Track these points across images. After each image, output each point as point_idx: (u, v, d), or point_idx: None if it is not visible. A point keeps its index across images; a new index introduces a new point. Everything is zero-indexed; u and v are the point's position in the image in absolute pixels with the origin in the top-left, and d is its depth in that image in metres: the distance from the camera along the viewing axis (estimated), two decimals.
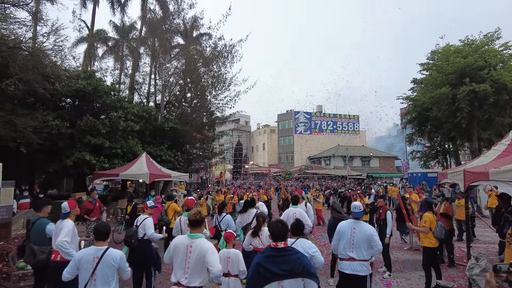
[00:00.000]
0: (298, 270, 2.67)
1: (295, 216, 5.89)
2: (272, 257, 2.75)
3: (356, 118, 65.37)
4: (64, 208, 4.71)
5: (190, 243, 3.28)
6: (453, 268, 7.14)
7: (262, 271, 2.70)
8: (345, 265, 4.15)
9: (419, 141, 23.83)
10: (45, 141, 13.79)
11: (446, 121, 18.26)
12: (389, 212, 7.03)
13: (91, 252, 3.30)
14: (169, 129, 18.66)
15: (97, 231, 3.44)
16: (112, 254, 3.30)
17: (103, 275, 3.23)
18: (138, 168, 12.50)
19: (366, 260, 4.14)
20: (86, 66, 22.87)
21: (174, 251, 3.34)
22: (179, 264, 3.27)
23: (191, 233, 3.36)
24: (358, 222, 4.30)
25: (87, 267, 3.21)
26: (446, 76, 17.94)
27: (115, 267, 3.30)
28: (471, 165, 6.54)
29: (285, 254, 2.75)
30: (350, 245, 4.16)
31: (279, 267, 2.67)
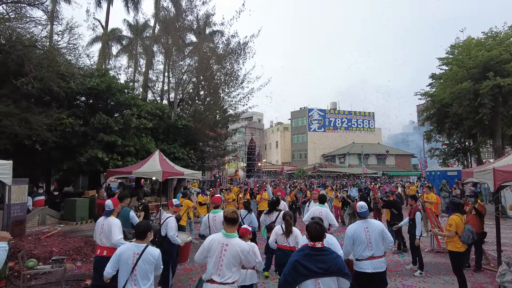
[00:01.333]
0: (334, 269, 2.87)
1: (321, 215, 6.14)
2: (310, 256, 2.93)
3: (371, 115, 64.18)
4: (108, 206, 4.94)
5: (226, 242, 3.41)
6: (479, 272, 6.70)
7: (300, 268, 2.88)
8: (365, 264, 4.14)
9: (437, 138, 23.04)
10: (59, 138, 13.93)
11: (467, 117, 17.52)
12: (419, 212, 6.80)
13: (131, 248, 3.44)
14: (182, 127, 18.58)
15: (138, 229, 3.60)
16: (151, 251, 3.45)
17: (143, 271, 3.37)
18: (151, 166, 12.41)
19: (383, 256, 4.24)
20: (100, 64, 23.04)
21: (209, 249, 3.44)
22: (214, 261, 3.37)
23: (227, 232, 3.48)
24: (367, 221, 4.31)
25: (128, 263, 3.36)
26: (468, 71, 17.19)
27: (154, 263, 3.44)
28: (500, 164, 6.10)
29: (323, 253, 2.94)
30: (367, 245, 4.16)
31: (316, 266, 2.86)
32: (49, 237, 8.36)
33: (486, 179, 5.98)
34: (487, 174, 5.89)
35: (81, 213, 12.68)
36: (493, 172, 5.52)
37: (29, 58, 11.70)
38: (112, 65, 28.69)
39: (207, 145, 23.28)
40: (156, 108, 18.32)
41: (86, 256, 7.67)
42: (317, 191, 9.77)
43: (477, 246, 6.92)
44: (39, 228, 11.19)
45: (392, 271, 6.88)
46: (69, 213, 12.76)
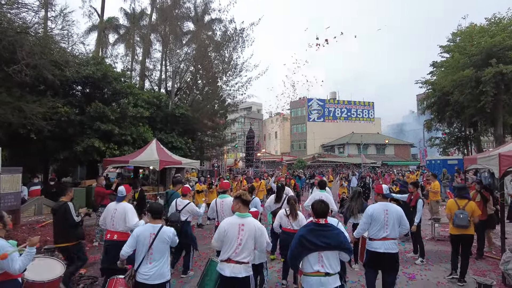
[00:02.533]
0: (336, 243, 3.16)
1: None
2: (314, 231, 3.22)
3: (371, 105, 63.81)
4: (121, 192, 5.23)
5: (242, 222, 3.59)
6: (481, 260, 6.59)
7: (305, 242, 3.15)
8: (377, 244, 4.29)
9: (438, 127, 22.83)
10: (55, 127, 13.71)
11: (468, 105, 17.27)
12: (421, 200, 6.75)
13: (148, 228, 3.71)
14: (180, 116, 18.36)
15: (153, 210, 3.87)
16: (166, 231, 3.70)
17: (159, 249, 3.63)
18: (148, 155, 12.25)
19: (396, 239, 4.39)
20: (97, 53, 22.68)
21: (226, 232, 3.56)
22: (231, 242, 3.52)
23: (241, 212, 3.66)
24: (387, 204, 4.46)
25: (145, 242, 3.62)
26: (470, 58, 16.87)
27: (168, 242, 3.71)
28: (506, 149, 5.93)
29: (326, 229, 3.24)
30: (384, 227, 4.31)
31: (320, 240, 3.13)
32: (43, 227, 8.23)
33: (491, 165, 5.82)
34: (492, 160, 5.73)
35: (78, 202, 12.50)
36: (499, 157, 5.35)
37: (21, 44, 11.39)
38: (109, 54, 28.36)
39: (206, 135, 23.08)
40: (153, 96, 18.08)
41: None
42: (319, 177, 9.67)
43: (479, 233, 6.79)
44: (35, 218, 11.05)
45: None
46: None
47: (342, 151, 54.72)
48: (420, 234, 6.70)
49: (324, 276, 3.14)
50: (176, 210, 6.34)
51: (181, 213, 6.22)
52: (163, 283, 3.63)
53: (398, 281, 5.54)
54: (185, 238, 6.08)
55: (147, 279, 3.55)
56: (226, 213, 5.45)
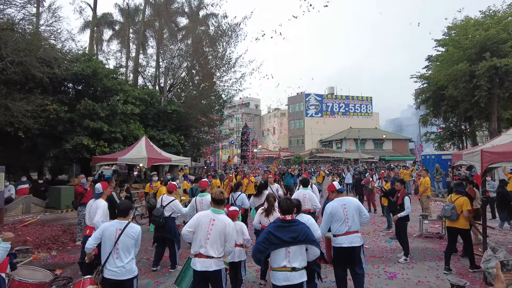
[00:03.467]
0: (302, 237, 3.26)
1: (305, 197, 6.52)
2: (281, 227, 3.32)
3: (369, 100, 63.51)
4: (97, 188, 5.30)
5: (213, 217, 3.65)
6: (466, 258, 6.47)
7: (272, 238, 3.25)
8: (341, 239, 4.34)
9: (433, 122, 22.68)
10: (44, 125, 13.58)
11: (463, 100, 17.13)
12: (407, 197, 6.60)
13: (114, 224, 3.70)
14: (172, 112, 18.18)
15: (119, 208, 3.84)
16: (133, 228, 3.71)
17: (125, 245, 3.60)
18: (137, 152, 12.14)
19: (358, 232, 4.44)
20: (90, 50, 22.46)
21: (198, 223, 3.65)
22: (201, 235, 3.59)
23: (215, 208, 3.76)
24: (344, 198, 4.58)
25: (111, 238, 3.60)
26: (464, 51, 16.69)
27: (135, 238, 3.68)
28: (489, 145, 5.80)
29: (292, 224, 3.35)
30: (344, 221, 4.38)
31: (286, 235, 3.24)
32: (26, 226, 8.12)
33: (474, 161, 5.69)
34: (475, 156, 5.60)
35: (66, 201, 12.41)
36: (481, 153, 5.23)
37: (5, 41, 11.22)
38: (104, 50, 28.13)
39: (200, 131, 22.92)
40: (144, 93, 17.90)
41: (63, 245, 7.44)
42: (306, 174, 9.55)
43: None
44: (23, 217, 10.96)
45: (375, 257, 6.67)
46: (54, 201, 12.52)
47: (339, 147, 54.52)
48: (406, 232, 6.58)
49: (291, 271, 3.22)
50: (160, 206, 6.37)
51: (165, 209, 6.22)
52: (130, 279, 3.63)
53: (378, 280, 5.45)
54: (168, 233, 6.15)
55: (114, 275, 3.55)
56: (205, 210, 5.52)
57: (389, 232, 8.84)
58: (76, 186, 7.96)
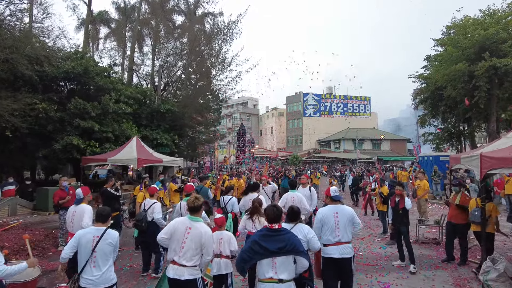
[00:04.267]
0: (289, 248, 3.04)
1: (293, 200, 6.33)
2: (267, 236, 3.12)
3: (367, 100, 63.28)
4: (78, 194, 5.30)
5: (190, 225, 3.50)
6: (464, 267, 6.20)
7: (257, 248, 3.05)
8: (331, 250, 4.10)
9: (431, 122, 22.37)
10: (34, 125, 13.25)
11: (461, 100, 16.79)
12: (409, 200, 6.32)
13: (91, 231, 3.57)
14: (165, 111, 17.86)
15: (98, 213, 3.70)
16: (111, 234, 3.57)
17: (103, 253, 3.48)
18: (128, 153, 11.77)
19: (350, 242, 4.19)
20: (85, 47, 22.13)
21: (174, 230, 3.51)
22: (176, 243, 3.46)
23: (192, 215, 3.59)
24: (338, 206, 4.30)
25: (88, 245, 3.46)
26: (463, 51, 16.36)
27: (113, 245, 3.57)
28: (489, 149, 5.50)
29: (279, 234, 3.13)
30: (335, 230, 4.14)
31: (273, 245, 3.03)
32: (6, 230, 7.79)
33: (472, 166, 5.41)
34: (473, 160, 5.32)
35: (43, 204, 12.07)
36: (480, 158, 4.93)
37: None
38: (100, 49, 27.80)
39: (195, 131, 22.59)
40: (137, 92, 17.56)
41: (43, 250, 7.14)
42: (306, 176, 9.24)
43: (461, 239, 6.39)
44: (7, 219, 10.63)
45: (369, 266, 6.37)
46: (42, 203, 12.18)
47: (338, 147, 54.31)
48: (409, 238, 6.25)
49: (277, 283, 3.05)
50: (143, 210, 6.24)
51: (147, 213, 6.08)
52: (109, 287, 3.51)
53: None
54: (152, 237, 5.88)
55: (90, 284, 3.43)
56: None
57: (385, 238, 8.56)
58: (58, 190, 7.65)
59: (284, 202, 6.41)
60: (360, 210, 12.79)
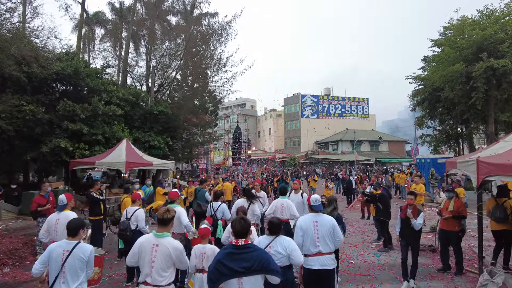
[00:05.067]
0: (257, 267, 2.73)
1: (283, 207, 6.16)
2: (232, 255, 2.79)
3: (365, 101, 63.12)
4: (61, 200, 5.06)
5: (156, 242, 3.27)
6: (461, 277, 5.89)
7: (221, 268, 2.73)
8: (312, 260, 3.92)
9: (429, 124, 22.14)
10: (22, 127, 12.94)
11: (459, 102, 16.58)
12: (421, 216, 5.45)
13: (62, 245, 3.37)
14: (158, 113, 17.52)
15: (68, 226, 3.48)
16: (82, 249, 3.36)
17: (73, 268, 3.29)
18: (116, 156, 11.44)
19: (332, 253, 4.02)
20: (78, 48, 21.81)
21: (140, 252, 3.30)
22: (146, 264, 3.24)
23: (158, 232, 3.34)
24: (318, 215, 4.10)
25: (58, 260, 3.28)
26: (461, 52, 16.15)
27: (85, 260, 3.35)
28: (486, 153, 5.20)
29: (245, 251, 2.79)
30: (315, 240, 3.97)
31: (238, 264, 2.72)
32: None
33: (469, 172, 5.11)
34: (470, 166, 5.01)
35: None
36: (477, 163, 4.63)
37: None
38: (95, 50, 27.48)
39: (189, 133, 22.24)
40: (129, 93, 17.20)
41: (20, 259, 6.81)
42: (298, 181, 8.93)
43: (456, 246, 6.09)
44: None
45: (361, 276, 6.05)
46: (27, 208, 11.74)
47: (335, 148, 54.05)
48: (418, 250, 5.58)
49: None
50: (126, 218, 5.94)
51: (130, 221, 5.84)
52: None
53: None
54: None
55: None
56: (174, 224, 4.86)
57: (379, 244, 8.25)
58: (37, 197, 7.30)
59: (273, 210, 6.28)
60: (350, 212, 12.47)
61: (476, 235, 6.77)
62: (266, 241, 3.58)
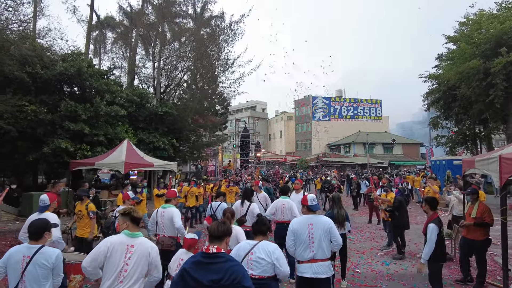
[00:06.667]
0: (227, 282, 2.26)
1: (284, 207, 5.81)
2: (200, 264, 2.35)
3: (378, 103, 61.83)
4: (43, 200, 4.61)
5: (131, 243, 2.86)
6: None
7: (187, 279, 2.30)
8: (304, 268, 3.53)
9: (444, 124, 21.17)
10: (26, 128, 12.85)
11: (476, 100, 15.67)
12: (432, 224, 4.36)
13: (22, 250, 2.96)
14: (163, 114, 17.26)
15: (29, 229, 3.11)
16: (46, 253, 2.95)
17: (34, 277, 2.88)
18: (116, 157, 11.20)
19: (327, 259, 3.58)
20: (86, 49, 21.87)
21: (108, 253, 2.79)
22: (114, 268, 2.77)
23: (131, 231, 2.93)
24: (313, 216, 3.69)
25: (16, 267, 2.89)
26: (478, 47, 15.28)
27: (49, 268, 2.94)
28: (509, 150, 4.56)
29: (215, 261, 2.34)
30: (309, 245, 3.55)
31: (205, 277, 2.28)
32: None
33: (490, 170, 4.48)
34: (491, 164, 4.40)
35: None
36: (499, 160, 4.02)
37: None
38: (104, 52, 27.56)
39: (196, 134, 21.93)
40: (134, 94, 16.99)
41: None
42: (299, 181, 8.42)
43: (479, 256, 5.39)
44: None
45: (367, 287, 5.45)
46: (27, 209, 11.62)
47: (348, 151, 53.01)
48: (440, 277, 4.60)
49: None
50: (113, 217, 5.70)
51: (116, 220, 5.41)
52: None
53: None
54: None
55: None
56: (166, 225, 4.95)
57: (389, 251, 7.61)
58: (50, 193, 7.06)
59: (274, 210, 6.01)
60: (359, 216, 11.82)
61: (498, 243, 6.10)
62: (247, 247, 3.09)
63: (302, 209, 3.88)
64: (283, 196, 6.18)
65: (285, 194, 6.21)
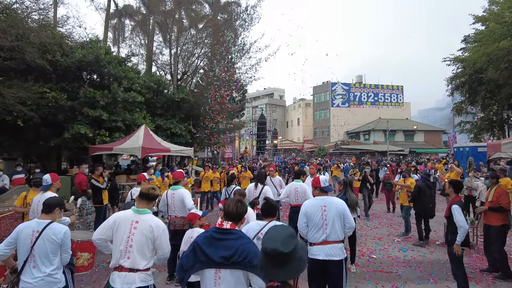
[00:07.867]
0: (238, 259, 2.20)
1: (297, 191, 5.82)
2: (212, 239, 2.31)
3: (400, 89, 59.93)
4: (45, 180, 4.74)
5: (136, 219, 2.88)
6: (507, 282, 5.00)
7: (199, 253, 2.29)
8: (316, 250, 3.46)
9: (469, 110, 20.28)
10: (47, 114, 13.23)
11: (505, 83, 14.84)
12: (456, 206, 4.20)
13: (32, 225, 3.05)
14: (180, 100, 17.35)
15: (45, 202, 3.21)
16: (55, 229, 3.04)
17: (43, 251, 2.97)
18: (134, 142, 11.41)
19: (340, 242, 3.50)
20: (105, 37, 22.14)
21: (116, 227, 2.86)
22: (120, 242, 2.82)
23: (138, 207, 2.98)
24: (326, 198, 3.60)
25: (26, 242, 2.97)
26: (508, 27, 14.38)
27: (58, 243, 3.02)
28: None
29: (227, 237, 2.29)
30: (322, 227, 3.47)
31: (216, 252, 2.24)
32: None
33: None
34: None
35: (62, 192, 11.88)
36: None
37: None
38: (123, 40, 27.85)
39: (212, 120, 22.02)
40: (151, 81, 17.12)
41: None
42: (314, 165, 8.36)
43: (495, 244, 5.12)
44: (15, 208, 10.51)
45: (382, 273, 5.33)
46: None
47: (367, 138, 51.96)
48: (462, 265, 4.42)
49: None
50: (131, 199, 5.88)
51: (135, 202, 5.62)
52: None
53: None
54: None
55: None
56: (177, 206, 5.03)
57: (407, 237, 7.41)
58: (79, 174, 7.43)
59: (287, 193, 6.01)
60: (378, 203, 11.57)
61: None
62: (257, 228, 3.03)
63: (314, 191, 3.76)
64: (296, 180, 6.12)
65: (298, 178, 6.16)
